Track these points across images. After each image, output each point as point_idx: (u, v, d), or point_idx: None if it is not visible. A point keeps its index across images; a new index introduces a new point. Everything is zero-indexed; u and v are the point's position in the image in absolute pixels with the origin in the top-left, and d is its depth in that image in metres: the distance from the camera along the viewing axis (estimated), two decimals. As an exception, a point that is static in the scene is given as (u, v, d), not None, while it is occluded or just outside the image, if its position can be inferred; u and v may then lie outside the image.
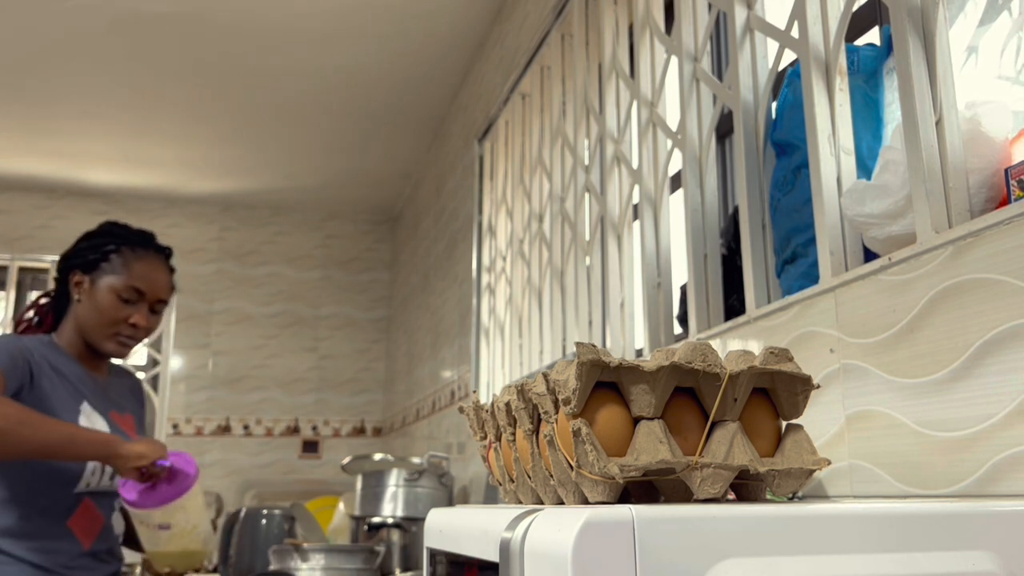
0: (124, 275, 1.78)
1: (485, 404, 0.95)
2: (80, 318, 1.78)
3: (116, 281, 1.77)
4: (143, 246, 1.84)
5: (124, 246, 1.81)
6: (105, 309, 1.76)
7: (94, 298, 1.77)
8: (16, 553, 1.59)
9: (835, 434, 1.12)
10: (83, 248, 1.81)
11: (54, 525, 1.65)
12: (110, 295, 1.77)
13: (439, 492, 2.65)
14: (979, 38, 1.20)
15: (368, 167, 4.61)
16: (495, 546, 0.66)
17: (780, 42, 1.39)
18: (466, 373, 3.23)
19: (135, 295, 1.79)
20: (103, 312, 1.76)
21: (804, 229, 1.29)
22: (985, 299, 0.90)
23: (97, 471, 1.71)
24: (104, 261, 1.78)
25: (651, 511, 0.57)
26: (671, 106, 1.85)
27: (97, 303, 1.76)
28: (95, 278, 1.78)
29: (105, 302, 1.76)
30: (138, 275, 1.79)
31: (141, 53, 3.40)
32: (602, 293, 2.06)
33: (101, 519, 1.74)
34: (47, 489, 1.66)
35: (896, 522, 0.62)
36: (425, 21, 3.18)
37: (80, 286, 1.78)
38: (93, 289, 1.77)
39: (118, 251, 1.80)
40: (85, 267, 1.79)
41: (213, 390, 4.97)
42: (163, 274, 1.85)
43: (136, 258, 1.81)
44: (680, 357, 0.71)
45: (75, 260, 1.80)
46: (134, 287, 1.78)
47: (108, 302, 1.76)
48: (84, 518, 1.70)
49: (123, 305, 1.77)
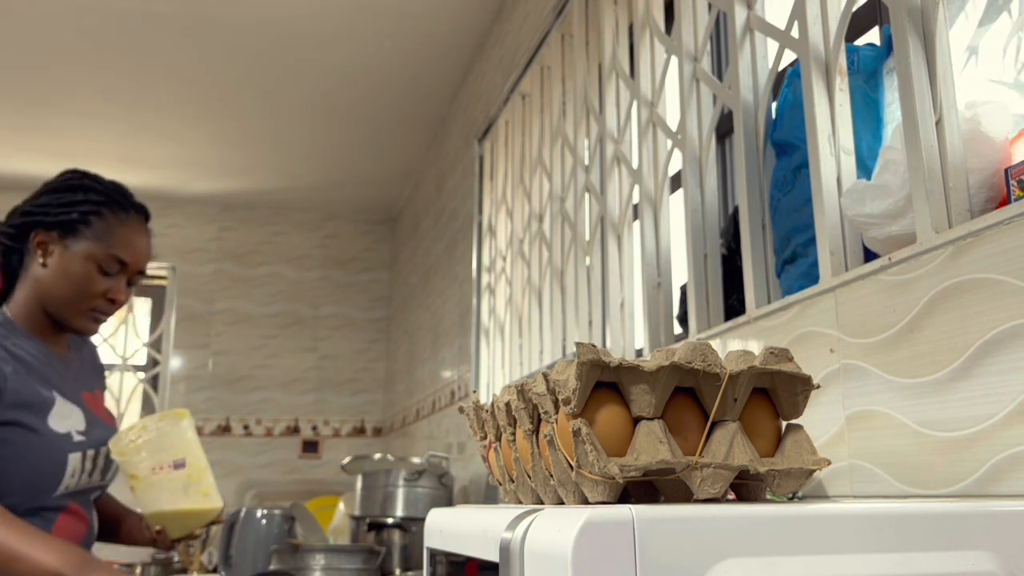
0: (105, 242, 1.52)
1: (485, 404, 0.95)
2: (44, 287, 1.51)
3: (96, 249, 1.51)
4: (126, 208, 1.57)
5: (105, 207, 1.54)
6: (80, 280, 1.50)
7: (66, 266, 1.50)
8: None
9: (835, 434, 1.12)
10: (53, 204, 1.52)
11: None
12: (87, 264, 1.50)
13: (439, 492, 2.65)
14: (979, 39, 1.20)
15: (368, 167, 4.61)
16: (495, 546, 0.66)
17: (780, 42, 1.39)
18: (466, 373, 3.23)
19: (116, 266, 1.53)
20: (78, 284, 1.50)
21: (804, 229, 1.29)
22: (985, 299, 0.90)
23: (78, 471, 1.50)
24: (82, 223, 1.51)
25: (651, 511, 0.57)
26: (671, 106, 1.85)
27: (70, 272, 1.50)
28: (69, 243, 1.50)
29: (81, 272, 1.50)
30: (122, 243, 1.53)
31: (141, 53, 3.40)
32: (602, 293, 2.06)
33: (86, 521, 1.56)
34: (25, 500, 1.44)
35: (896, 522, 0.62)
36: (425, 21, 3.18)
37: (45, 248, 1.51)
38: (66, 255, 1.50)
39: (98, 213, 1.53)
40: (55, 227, 1.50)
41: (213, 390, 4.97)
42: (146, 241, 1.59)
43: (119, 222, 1.54)
44: (680, 357, 0.71)
45: (42, 217, 1.51)
46: (116, 257, 1.53)
47: (84, 272, 1.50)
48: (69, 523, 1.51)
49: (101, 277, 1.52)
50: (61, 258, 1.51)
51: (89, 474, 1.54)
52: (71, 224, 1.51)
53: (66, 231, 1.51)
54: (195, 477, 1.58)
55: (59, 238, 1.51)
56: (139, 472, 1.56)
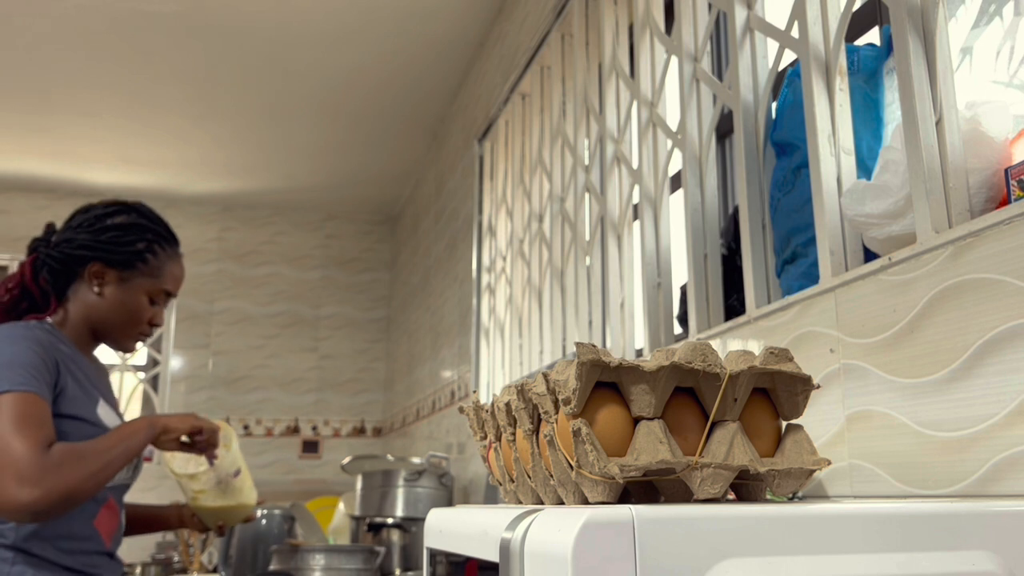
0: (158, 279, 1.68)
1: (485, 404, 0.95)
2: (98, 313, 1.65)
3: (149, 284, 1.67)
4: (172, 243, 1.73)
5: (157, 244, 1.69)
6: (133, 311, 1.66)
7: (121, 298, 1.65)
8: (48, 556, 1.52)
9: (835, 434, 1.12)
10: (111, 241, 1.65)
11: (84, 526, 1.58)
12: (140, 297, 1.66)
13: (439, 492, 2.65)
14: (972, 41, 1.21)
15: (368, 167, 4.62)
16: (495, 546, 0.66)
17: (780, 42, 1.39)
18: (466, 373, 3.23)
19: (164, 297, 1.71)
20: (131, 313, 1.66)
21: (804, 229, 1.29)
22: (985, 299, 0.90)
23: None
24: (140, 262, 1.66)
25: (651, 511, 0.57)
26: (671, 106, 1.85)
27: (125, 304, 1.65)
28: (124, 277, 1.65)
29: (134, 304, 1.66)
30: (170, 277, 1.71)
31: (142, 53, 3.40)
32: (602, 293, 2.06)
33: (118, 516, 1.68)
34: None
35: (896, 522, 0.62)
36: (425, 21, 3.18)
37: (101, 279, 1.64)
38: (121, 288, 1.65)
39: (152, 252, 1.68)
40: (113, 264, 1.65)
41: (213, 390, 4.97)
42: (183, 269, 1.76)
43: (168, 258, 1.71)
44: (680, 357, 0.71)
45: (101, 253, 1.64)
46: (165, 290, 1.70)
47: (137, 304, 1.66)
48: (107, 516, 1.63)
49: (150, 306, 1.69)
50: (116, 290, 1.65)
51: (126, 469, 1.66)
52: (128, 262, 1.66)
53: (123, 267, 1.66)
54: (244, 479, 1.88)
55: (115, 271, 1.65)
56: (207, 487, 1.83)
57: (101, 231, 1.66)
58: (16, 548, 1.50)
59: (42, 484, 1.37)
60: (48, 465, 1.38)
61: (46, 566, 1.52)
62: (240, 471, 1.86)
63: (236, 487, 1.85)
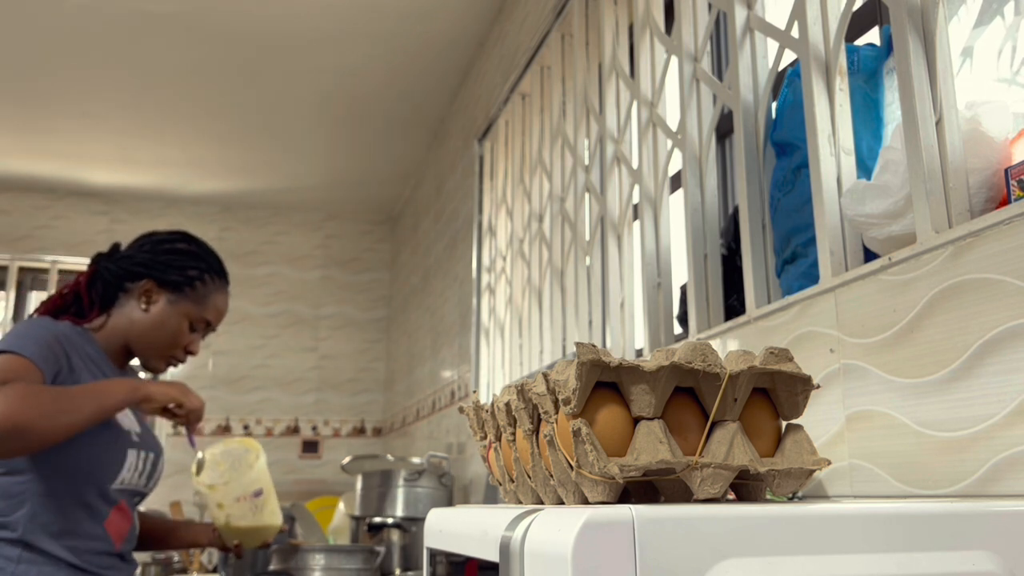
0: (202, 306, 1.74)
1: (485, 404, 0.95)
2: (136, 327, 1.70)
3: (193, 310, 1.73)
4: (222, 276, 1.79)
5: (208, 274, 1.76)
6: (173, 333, 1.71)
7: (163, 318, 1.70)
8: (54, 552, 1.53)
9: (835, 434, 1.12)
10: (167, 263, 1.73)
11: (93, 525, 1.60)
12: (182, 321, 1.72)
13: (439, 492, 2.65)
14: (974, 40, 1.21)
15: (368, 167, 4.61)
16: (495, 546, 0.66)
17: (780, 42, 1.39)
18: (466, 373, 3.23)
19: (204, 326, 1.76)
20: (170, 335, 1.71)
21: (804, 229, 1.29)
22: (985, 299, 0.90)
23: (133, 467, 1.66)
24: (189, 287, 1.72)
25: (651, 511, 0.57)
26: (671, 106, 1.85)
27: (165, 324, 1.70)
28: (172, 299, 1.71)
29: (174, 326, 1.71)
30: (213, 308, 1.76)
31: (141, 53, 3.40)
32: (602, 293, 2.06)
33: (131, 519, 1.70)
34: (86, 486, 1.59)
35: (896, 522, 0.62)
36: (425, 21, 3.18)
37: (150, 297, 1.71)
38: (167, 309, 1.71)
39: (202, 280, 1.74)
40: (166, 284, 1.71)
41: (213, 390, 4.97)
42: (227, 305, 1.82)
43: (215, 289, 1.77)
44: (680, 357, 0.71)
45: (156, 272, 1.71)
46: (206, 319, 1.75)
47: (177, 327, 1.71)
48: (118, 519, 1.65)
49: (189, 332, 1.74)
50: (162, 310, 1.71)
51: (140, 474, 1.69)
52: (179, 285, 1.72)
53: (173, 289, 1.72)
54: (268, 501, 1.88)
55: (165, 293, 1.72)
56: (225, 501, 1.84)
57: (161, 252, 1.74)
58: (23, 543, 1.52)
59: None
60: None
61: (51, 562, 1.53)
62: (263, 491, 1.85)
63: (257, 507, 1.84)
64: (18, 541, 1.51)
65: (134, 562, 1.74)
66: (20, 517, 1.52)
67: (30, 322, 1.61)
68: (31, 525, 1.52)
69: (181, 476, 4.51)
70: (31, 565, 1.51)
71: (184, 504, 4.05)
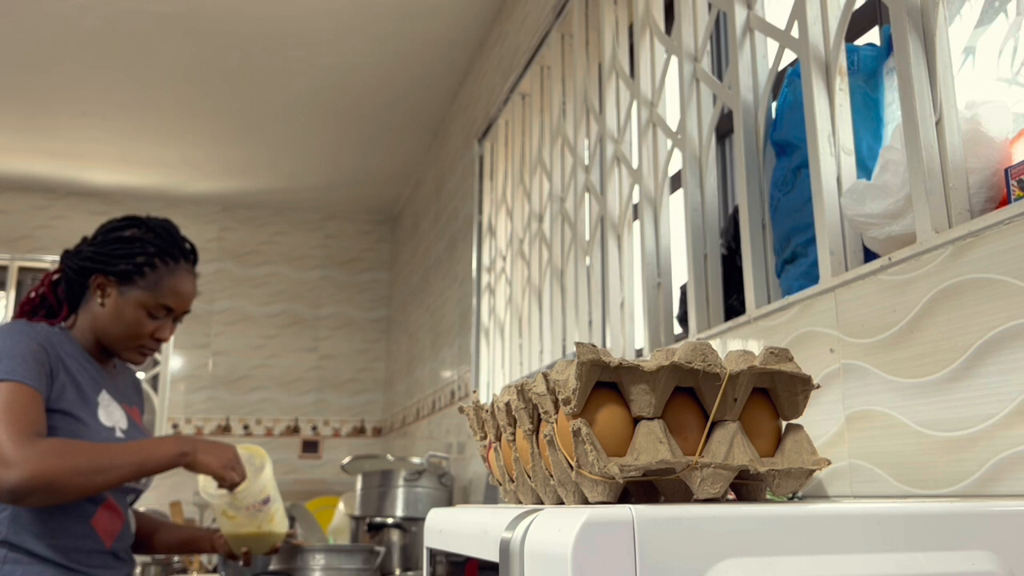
0: (155, 292, 1.68)
1: (485, 404, 0.95)
2: (100, 324, 1.68)
3: (146, 298, 1.67)
4: (175, 258, 1.73)
5: (158, 258, 1.70)
6: (131, 324, 1.67)
7: (120, 310, 1.67)
8: (40, 552, 1.53)
9: (835, 434, 1.12)
10: (111, 253, 1.68)
11: (78, 524, 1.58)
12: (138, 311, 1.67)
13: (439, 492, 2.65)
14: (976, 39, 1.20)
15: (368, 167, 4.61)
16: (495, 546, 0.66)
17: (780, 42, 1.39)
18: (466, 373, 3.23)
19: (164, 312, 1.70)
20: (129, 326, 1.67)
21: (804, 229, 1.29)
22: (985, 299, 0.90)
23: None
24: (136, 275, 1.67)
25: (651, 511, 0.57)
26: (671, 106, 1.85)
27: (123, 316, 1.67)
28: (124, 290, 1.67)
29: (131, 317, 1.67)
30: (170, 292, 1.70)
31: (141, 53, 3.40)
32: (602, 293, 2.06)
33: (122, 518, 1.68)
34: None
35: (896, 522, 0.62)
36: (425, 21, 3.18)
37: (103, 291, 1.67)
38: (120, 300, 1.67)
39: (151, 265, 1.69)
40: (113, 275, 1.67)
41: (213, 390, 4.97)
42: (192, 285, 1.76)
43: (168, 272, 1.70)
44: (680, 357, 0.71)
45: (103, 265, 1.67)
46: (164, 305, 1.69)
47: (135, 317, 1.67)
48: (106, 517, 1.63)
49: (149, 320, 1.69)
50: (116, 302, 1.67)
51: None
52: (127, 274, 1.67)
53: (122, 279, 1.67)
54: (276, 508, 1.87)
55: (116, 284, 1.68)
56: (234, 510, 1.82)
57: (105, 243, 1.70)
58: (8, 544, 1.52)
59: (23, 468, 1.39)
60: (30, 452, 1.41)
61: (37, 562, 1.53)
62: (270, 499, 1.84)
63: (264, 515, 1.83)
64: (3, 542, 1.51)
65: (131, 560, 1.72)
66: (3, 519, 1.52)
67: (10, 333, 1.57)
68: (14, 526, 1.52)
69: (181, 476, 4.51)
70: (16, 565, 1.50)
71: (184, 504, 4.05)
